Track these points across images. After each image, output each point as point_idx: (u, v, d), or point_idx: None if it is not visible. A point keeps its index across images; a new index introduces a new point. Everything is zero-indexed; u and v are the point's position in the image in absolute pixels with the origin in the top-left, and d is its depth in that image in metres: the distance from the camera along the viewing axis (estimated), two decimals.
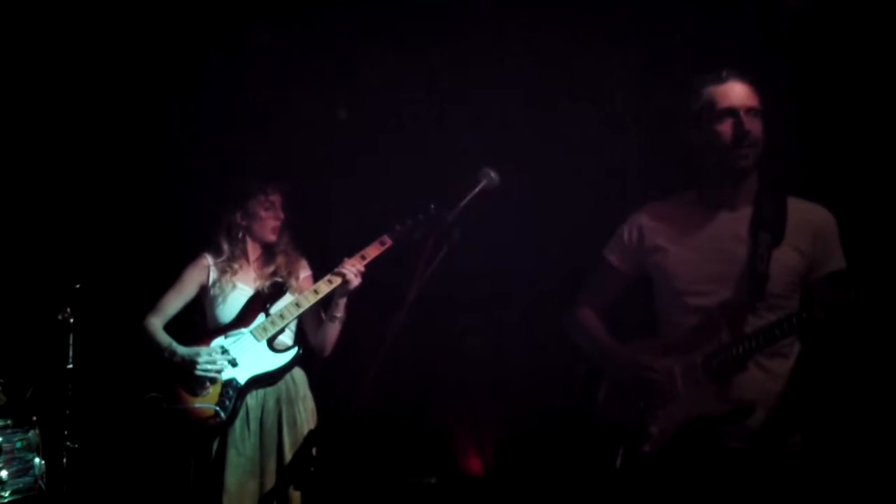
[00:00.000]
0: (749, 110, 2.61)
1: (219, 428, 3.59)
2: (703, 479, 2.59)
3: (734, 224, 2.67)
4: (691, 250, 2.69)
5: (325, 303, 3.69)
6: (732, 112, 2.61)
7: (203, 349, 3.62)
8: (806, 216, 2.64)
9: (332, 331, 3.70)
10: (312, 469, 2.27)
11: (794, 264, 2.59)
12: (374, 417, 4.18)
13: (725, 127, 2.61)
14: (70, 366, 4.14)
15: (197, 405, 3.57)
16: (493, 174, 2.63)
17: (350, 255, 3.63)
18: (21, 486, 3.96)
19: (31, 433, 4.06)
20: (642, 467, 2.61)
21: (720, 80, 2.65)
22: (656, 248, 2.76)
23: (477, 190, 2.58)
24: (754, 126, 2.61)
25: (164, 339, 3.70)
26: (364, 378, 2.30)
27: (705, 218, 2.71)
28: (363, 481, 4.50)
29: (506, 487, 4.53)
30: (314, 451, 2.34)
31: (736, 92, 2.63)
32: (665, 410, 2.62)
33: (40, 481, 4.00)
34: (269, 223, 3.81)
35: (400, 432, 4.66)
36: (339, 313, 3.67)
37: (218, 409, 3.56)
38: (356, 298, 3.65)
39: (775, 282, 2.57)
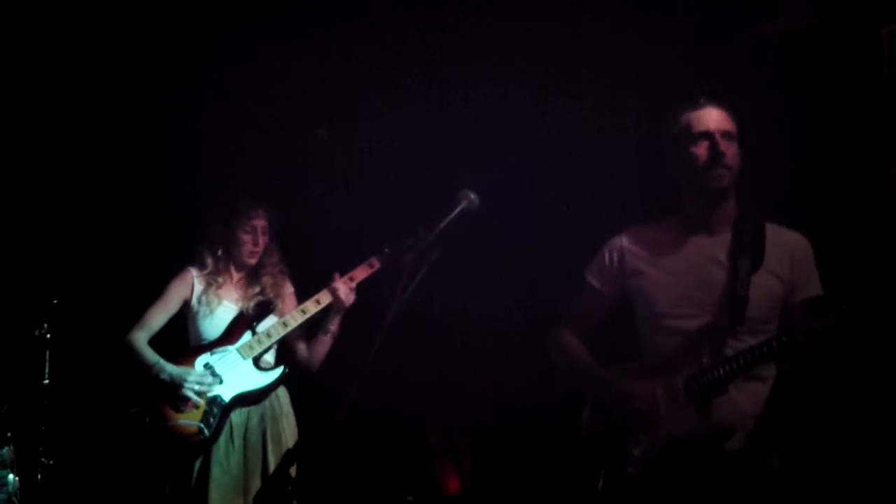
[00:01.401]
0: (724, 134, 2.67)
1: (202, 445, 3.58)
2: (684, 501, 2.61)
3: (712, 248, 2.71)
4: (670, 274, 2.73)
5: (314, 320, 3.70)
6: (707, 135, 2.66)
7: (192, 371, 3.61)
8: (783, 242, 2.69)
9: (323, 347, 3.70)
10: (290, 489, 2.29)
11: (774, 289, 2.64)
12: (352, 436, 4.17)
13: (701, 149, 2.66)
14: (46, 381, 4.11)
15: (181, 422, 3.56)
16: (472, 195, 2.67)
17: (339, 275, 3.65)
18: None
19: (5, 449, 4.01)
20: (624, 489, 2.63)
21: (697, 105, 2.72)
22: (636, 271, 2.80)
23: (456, 211, 2.62)
24: (729, 149, 2.66)
25: (151, 356, 3.67)
26: (343, 398, 2.31)
27: (684, 242, 2.75)
28: (342, 500, 4.49)
29: None
30: (293, 470, 2.35)
31: (712, 116, 2.69)
32: (647, 433, 2.65)
33: (14, 498, 3.96)
34: (247, 247, 3.80)
35: (379, 450, 4.66)
36: (334, 327, 3.67)
37: (202, 426, 3.55)
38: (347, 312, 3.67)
39: (755, 306, 2.61)
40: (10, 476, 3.98)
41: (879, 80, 3.42)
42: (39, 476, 4.01)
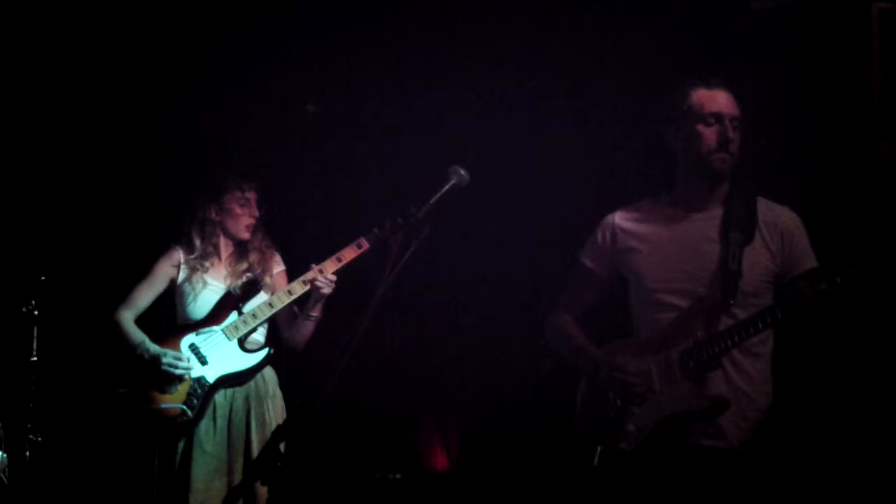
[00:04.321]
0: (734, 119, 2.68)
1: (186, 425, 3.58)
2: (679, 476, 2.63)
3: (705, 224, 2.72)
4: (663, 250, 2.74)
5: (301, 300, 3.68)
6: (718, 118, 2.67)
7: (169, 351, 3.60)
8: (774, 217, 2.70)
9: (307, 328, 3.69)
10: (279, 464, 2.28)
11: (766, 262, 2.65)
12: (341, 413, 4.18)
13: (710, 131, 2.67)
14: (34, 358, 4.10)
15: (164, 405, 3.55)
16: (462, 171, 2.65)
17: (327, 254, 3.62)
18: None
19: None
20: (620, 465, 2.65)
21: (709, 85, 2.71)
22: (629, 248, 2.81)
23: (446, 188, 2.61)
24: (736, 136, 2.67)
25: (138, 335, 3.67)
26: (331, 375, 2.31)
27: (677, 218, 2.76)
28: (329, 477, 4.50)
29: (471, 483, 4.56)
30: (281, 446, 2.35)
31: (724, 99, 2.69)
32: (642, 408, 2.66)
33: (2, 474, 3.95)
34: (243, 220, 3.78)
35: (366, 428, 4.68)
36: (316, 313, 3.65)
37: (185, 407, 3.55)
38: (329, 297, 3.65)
39: (747, 280, 2.62)
40: None
41: (869, 56, 3.41)
42: (28, 453, 4.01)
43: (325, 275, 3.59)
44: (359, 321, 2.40)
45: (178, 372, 3.57)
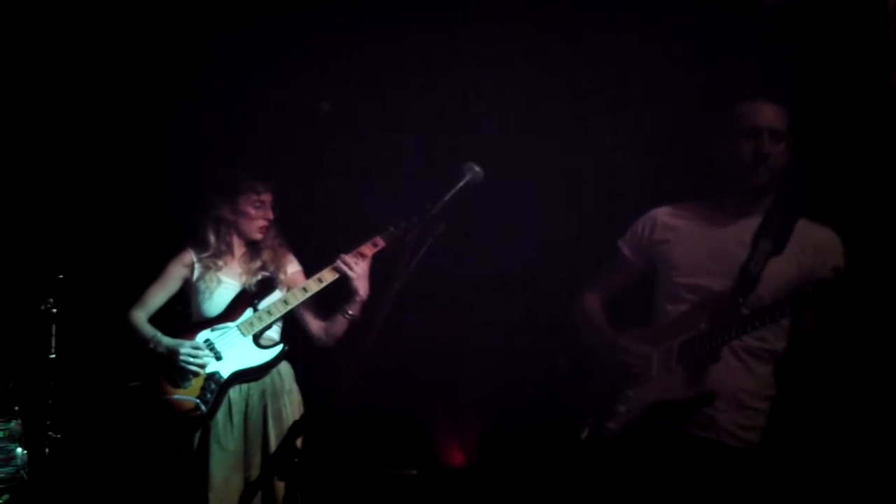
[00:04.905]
0: (774, 132, 2.69)
1: (199, 420, 3.60)
2: (664, 463, 2.68)
3: (741, 230, 2.76)
4: (693, 246, 2.80)
5: (333, 300, 3.70)
6: (756, 131, 2.69)
7: (187, 342, 3.63)
8: (812, 236, 2.72)
9: (340, 327, 3.69)
10: (296, 460, 2.30)
11: (790, 276, 2.67)
12: (356, 409, 4.19)
13: (747, 145, 2.70)
14: (52, 356, 4.13)
15: (176, 397, 3.58)
16: (476, 168, 2.66)
17: (340, 250, 3.64)
18: (3, 476, 3.96)
19: (13, 423, 4.05)
20: (604, 443, 2.71)
21: (752, 97, 2.75)
22: (663, 240, 2.88)
23: (461, 185, 2.62)
24: (776, 149, 2.69)
25: (149, 330, 3.70)
26: (348, 371, 2.32)
27: (716, 221, 2.82)
28: (346, 473, 4.51)
29: (487, 480, 4.56)
30: (299, 442, 2.37)
31: (763, 111, 2.71)
32: (635, 391, 2.71)
33: (22, 471, 4.00)
34: (257, 222, 3.81)
35: (381, 424, 4.68)
36: (354, 311, 3.63)
37: (198, 402, 3.57)
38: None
39: (765, 286, 2.65)
40: (18, 450, 4.02)
41: (886, 51, 3.40)
42: (47, 449, 4.05)
43: (350, 257, 3.59)
44: (375, 318, 2.41)
45: (196, 362, 3.59)
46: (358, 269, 3.58)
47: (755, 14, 3.61)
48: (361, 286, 3.59)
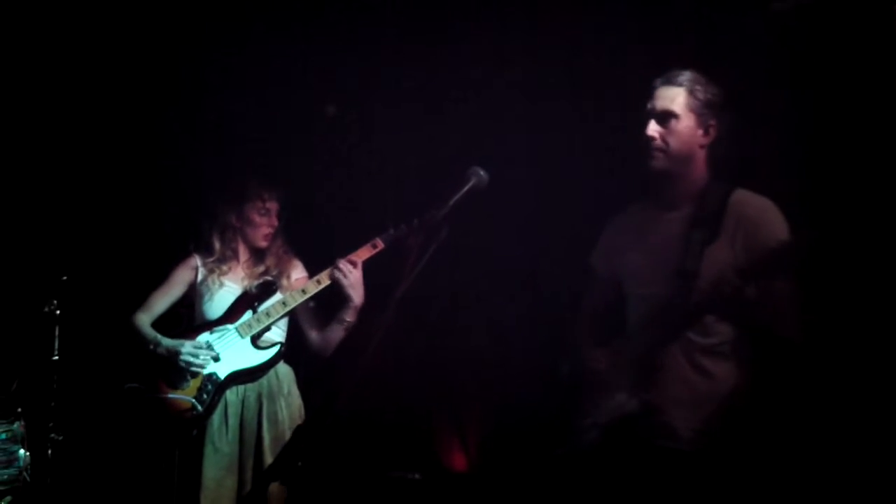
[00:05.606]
0: (664, 115, 2.70)
1: (195, 421, 3.60)
2: (630, 474, 2.66)
3: (673, 224, 2.74)
4: (638, 251, 2.80)
5: (329, 307, 3.69)
6: (647, 115, 2.73)
7: (187, 342, 3.64)
8: (741, 209, 2.66)
9: (336, 335, 3.69)
10: (300, 464, 2.30)
11: (727, 261, 2.60)
12: (359, 413, 4.19)
13: (644, 129, 2.73)
14: (56, 358, 4.13)
15: (173, 396, 3.58)
16: (482, 172, 2.66)
17: (343, 255, 3.64)
18: (5, 477, 3.95)
19: (16, 425, 4.04)
20: (579, 458, 2.73)
21: (658, 83, 2.76)
22: (617, 250, 2.89)
23: (466, 189, 2.62)
24: (662, 131, 2.69)
25: (150, 333, 3.73)
26: (352, 375, 2.32)
27: (651, 220, 2.82)
28: (347, 477, 4.51)
29: (490, 484, 4.56)
30: (302, 446, 2.36)
31: (655, 96, 2.74)
32: (600, 405, 2.71)
33: (25, 473, 3.99)
34: (262, 230, 3.83)
35: (384, 428, 4.68)
36: (350, 318, 3.63)
37: (195, 402, 3.58)
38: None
39: (707, 279, 2.60)
40: (21, 451, 4.01)
41: (892, 55, 3.38)
42: (49, 451, 4.04)
43: (343, 264, 3.58)
44: (378, 322, 2.41)
45: (197, 361, 3.59)
46: (351, 277, 3.56)
47: (761, 18, 3.60)
48: (356, 294, 3.58)
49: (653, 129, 2.70)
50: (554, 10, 4.15)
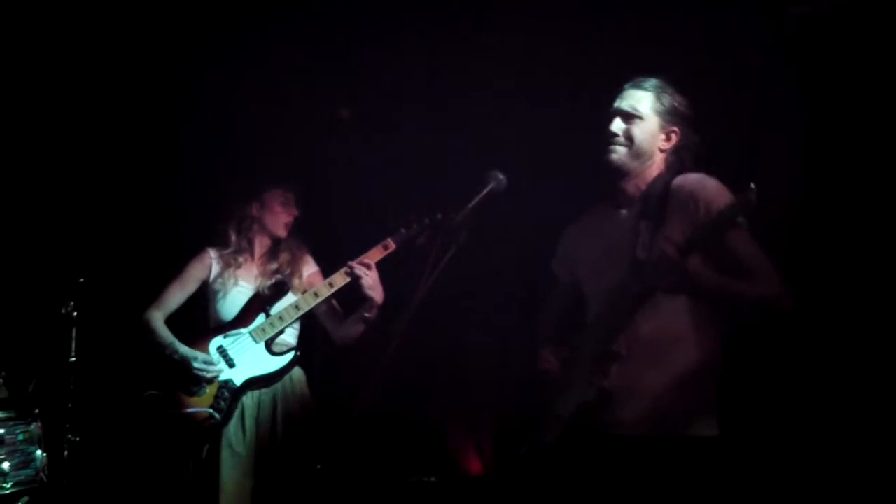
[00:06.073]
0: (629, 114, 2.75)
1: (214, 429, 3.61)
2: (591, 466, 2.68)
3: (626, 220, 2.78)
4: (593, 249, 2.84)
5: (350, 304, 3.70)
6: (614, 113, 2.78)
7: (200, 354, 3.64)
8: (682, 189, 2.69)
9: (356, 330, 3.70)
10: (318, 467, 2.30)
11: (678, 243, 2.57)
12: (375, 416, 4.19)
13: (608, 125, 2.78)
14: (72, 359, 4.15)
15: (191, 409, 3.59)
16: (500, 176, 2.67)
17: (354, 257, 3.64)
18: (22, 478, 3.96)
19: (33, 426, 4.06)
20: (542, 455, 2.76)
21: (627, 85, 2.82)
22: (574, 252, 2.94)
23: (485, 192, 2.63)
24: (624, 129, 2.75)
25: (167, 335, 3.73)
26: (371, 380, 2.32)
27: (608, 218, 2.85)
28: (364, 480, 4.51)
29: (506, 487, 4.55)
30: (319, 449, 2.37)
31: (626, 96, 2.79)
32: (558, 400, 2.74)
33: (42, 474, 4.00)
34: (282, 218, 3.84)
35: (400, 431, 4.68)
36: (370, 315, 3.62)
37: (212, 411, 3.58)
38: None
39: (653, 262, 2.61)
40: (38, 452, 4.03)
41: None
42: (66, 452, 4.05)
43: (357, 268, 3.57)
44: (397, 323, 2.41)
45: (208, 376, 3.60)
46: (369, 279, 3.56)
47: (777, 23, 3.60)
48: (376, 294, 3.58)
49: (617, 125, 2.76)
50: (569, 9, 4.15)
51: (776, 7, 3.65)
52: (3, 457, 3.93)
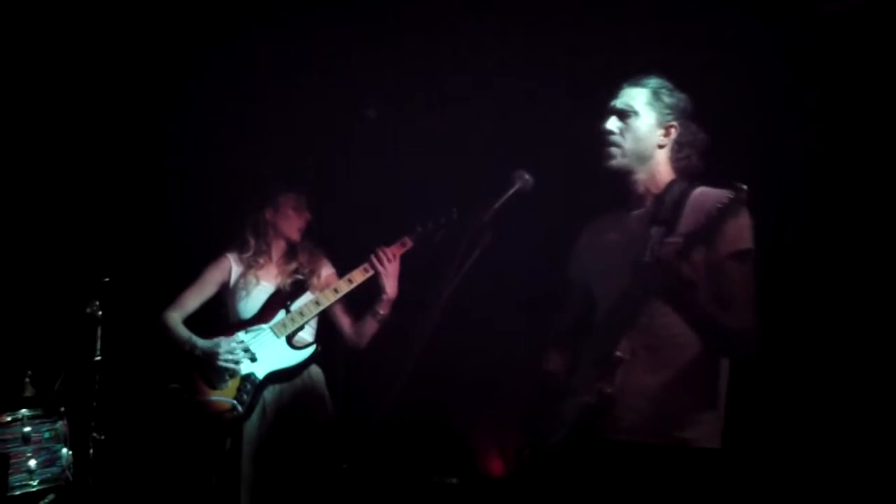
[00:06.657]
0: (624, 111, 2.71)
1: (236, 421, 3.64)
2: (596, 474, 2.64)
3: (636, 222, 2.73)
4: (604, 253, 2.79)
5: (364, 300, 3.71)
6: (611, 111, 2.74)
7: (223, 341, 3.66)
8: (700, 203, 2.60)
9: (370, 328, 3.75)
10: (344, 466, 2.30)
11: (686, 254, 2.52)
12: (397, 417, 4.19)
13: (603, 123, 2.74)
14: (98, 358, 4.17)
15: (214, 398, 3.61)
16: (527, 176, 2.67)
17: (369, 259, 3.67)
18: (49, 475, 3.99)
19: (58, 424, 4.09)
20: (545, 462, 2.73)
21: (624, 84, 2.77)
22: (587, 257, 2.90)
23: (511, 192, 2.62)
24: (619, 126, 2.71)
25: (184, 332, 3.77)
26: (396, 381, 2.31)
27: (619, 221, 2.80)
28: (388, 481, 4.51)
29: (527, 488, 4.53)
30: (340, 447, 2.37)
31: (623, 94, 2.75)
32: (560, 406, 2.69)
33: (67, 472, 4.03)
34: (295, 222, 3.89)
35: (422, 432, 4.68)
36: (383, 311, 3.69)
37: (235, 402, 3.61)
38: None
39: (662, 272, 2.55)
40: (64, 450, 4.06)
41: None
42: (91, 450, 4.08)
43: (381, 251, 3.62)
44: (422, 322, 2.41)
45: (236, 358, 3.61)
46: (389, 266, 3.61)
47: (808, 22, 3.56)
48: (390, 285, 3.63)
49: (612, 123, 2.72)
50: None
51: (800, 7, 3.62)
52: (29, 454, 3.96)
